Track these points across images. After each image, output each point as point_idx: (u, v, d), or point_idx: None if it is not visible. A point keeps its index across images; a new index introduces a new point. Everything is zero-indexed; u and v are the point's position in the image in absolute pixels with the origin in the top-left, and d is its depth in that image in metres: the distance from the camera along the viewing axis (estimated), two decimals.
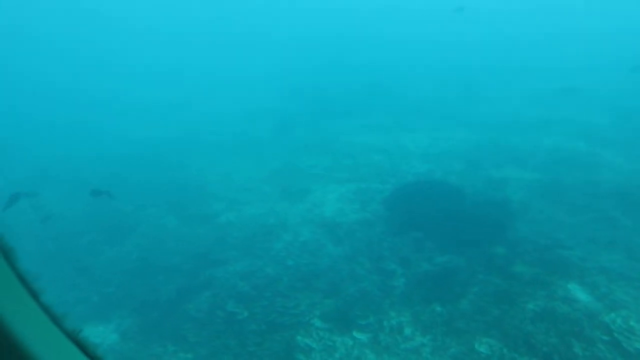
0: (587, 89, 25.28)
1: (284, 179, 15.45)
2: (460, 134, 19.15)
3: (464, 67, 32.85)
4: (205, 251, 11.66)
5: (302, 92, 26.96)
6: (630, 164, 14.73)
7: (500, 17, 51.86)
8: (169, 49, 42.04)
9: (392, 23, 47.71)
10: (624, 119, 19.62)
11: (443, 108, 23.37)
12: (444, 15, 49.13)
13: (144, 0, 59.51)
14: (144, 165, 17.69)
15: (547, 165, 14.76)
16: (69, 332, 1.40)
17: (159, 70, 34.17)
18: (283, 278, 10.05)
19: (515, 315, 8.02)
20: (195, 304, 9.65)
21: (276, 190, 14.73)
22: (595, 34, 43.22)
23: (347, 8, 54.19)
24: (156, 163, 17.89)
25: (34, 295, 1.37)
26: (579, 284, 8.66)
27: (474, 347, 7.57)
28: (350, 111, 23.38)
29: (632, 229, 10.82)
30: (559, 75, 29.29)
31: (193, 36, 45.14)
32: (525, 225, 11.08)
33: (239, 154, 18.13)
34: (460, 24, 43.86)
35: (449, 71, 31.75)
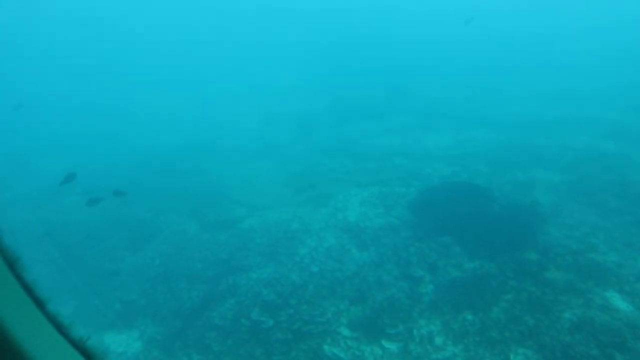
0: (611, 87, 24.67)
1: (305, 183, 15.26)
2: (482, 134, 18.78)
3: (483, 67, 32.36)
4: (228, 258, 11.53)
5: (322, 95, 26.78)
6: None
7: (519, 15, 51.09)
8: (187, 56, 42.17)
9: (410, 25, 47.26)
10: None
11: (464, 109, 22.98)
12: (460, 16, 48.71)
13: (162, 8, 60.07)
14: (164, 172, 17.66)
15: (575, 167, 14.34)
16: (75, 341, 1.39)
17: (179, 78, 34.34)
18: (308, 285, 9.86)
19: (552, 325, 7.71)
20: (220, 312, 9.50)
21: (298, 194, 14.56)
22: (618, 28, 42.26)
23: (366, 10, 53.92)
24: (176, 169, 17.86)
25: (40, 304, 1.35)
26: (618, 292, 8.31)
27: (509, 358, 7.28)
28: (370, 114, 23.13)
29: None
30: (581, 73, 28.65)
31: (211, 43, 45.25)
32: (557, 229, 10.72)
33: (259, 159, 18.01)
34: (477, 25, 43.30)
35: (468, 71, 31.30)
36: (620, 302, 8.02)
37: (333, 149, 18.41)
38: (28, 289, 1.34)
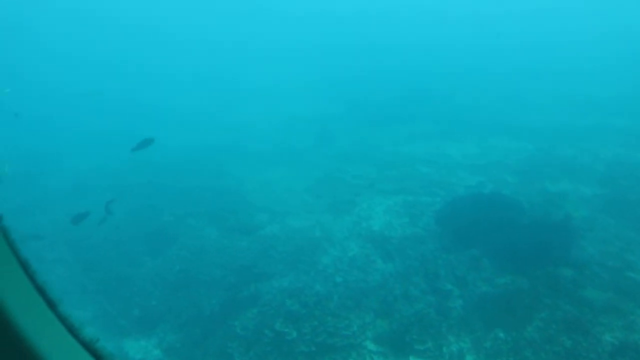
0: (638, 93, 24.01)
1: (328, 190, 15.00)
2: (509, 143, 18.35)
3: (505, 73, 31.80)
4: (249, 264, 11.30)
5: (342, 100, 26.53)
6: None
7: (545, 18, 50.32)
8: (206, 58, 42.20)
9: (433, 30, 46.82)
10: None
11: (489, 116, 22.55)
12: (485, 20, 48.07)
13: (182, 9, 60.42)
14: (183, 174, 17.53)
15: (608, 179, 13.86)
16: (85, 342, 1.41)
17: (198, 80, 34.36)
18: (333, 296, 9.58)
19: (591, 348, 7.33)
20: (241, 321, 9.26)
21: (320, 201, 14.31)
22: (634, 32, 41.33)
23: (388, 16, 53.63)
24: (195, 172, 17.72)
25: (52, 305, 1.38)
26: None
27: None
28: (391, 119, 22.81)
29: None
30: (612, 79, 27.98)
31: (231, 45, 45.28)
32: (591, 245, 10.31)
33: (279, 163, 17.79)
34: (502, 28, 42.73)
35: (490, 78, 30.79)
36: None
37: (355, 155, 18.13)
38: (40, 290, 1.36)
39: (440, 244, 11.09)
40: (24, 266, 1.36)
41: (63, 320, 1.40)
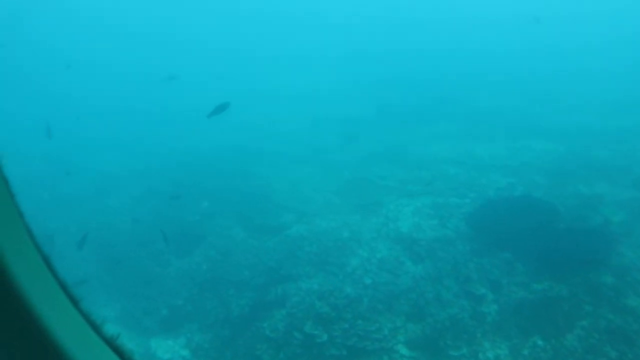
0: None
1: (354, 191, 14.81)
2: (539, 144, 17.91)
3: (536, 73, 31.14)
4: (276, 265, 11.18)
5: (366, 102, 26.25)
6: None
7: (576, 21, 49.32)
8: (233, 58, 42.22)
9: (459, 32, 46.25)
10: None
11: (517, 117, 22.07)
12: (512, 22, 47.32)
13: (203, 11, 60.81)
14: (207, 174, 17.50)
15: None
16: (107, 339, 1.43)
17: (227, 81, 34.41)
18: (363, 298, 9.40)
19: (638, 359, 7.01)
20: (270, 323, 9.14)
21: (347, 202, 14.12)
22: None
23: (411, 20, 53.18)
24: (221, 172, 17.67)
25: (74, 301, 1.39)
26: None
27: None
28: (417, 121, 22.47)
29: None
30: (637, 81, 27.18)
31: (258, 47, 45.27)
32: (631, 251, 9.91)
33: (305, 163, 17.65)
34: (531, 30, 41.92)
35: (520, 79, 30.18)
36: None
37: (381, 155, 17.89)
38: (63, 286, 1.37)
39: (471, 246, 10.81)
40: (47, 262, 1.36)
41: (85, 316, 1.41)
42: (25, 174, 17.66)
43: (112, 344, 1.44)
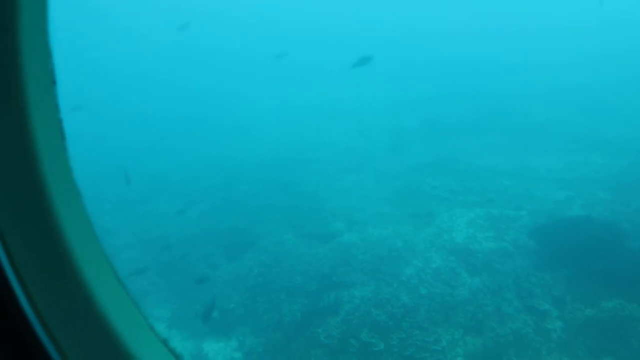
0: None
1: (406, 200, 14.61)
2: (598, 158, 17.24)
3: (590, 84, 30.07)
4: (329, 272, 11.07)
5: (415, 114, 25.99)
6: None
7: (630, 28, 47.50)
8: (282, 74, 42.48)
9: (507, 45, 45.42)
10: None
11: (572, 129, 21.36)
12: (563, 33, 46.10)
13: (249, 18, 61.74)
14: (256, 182, 17.65)
15: None
16: (162, 339, 1.46)
17: (271, 93, 34.91)
18: (420, 308, 9.17)
19: None
20: (325, 329, 9.02)
21: (398, 211, 13.94)
22: None
23: (461, 32, 52.63)
24: (269, 179, 17.79)
25: (135, 303, 1.42)
26: None
27: None
28: (469, 132, 22.07)
29: None
30: None
31: (306, 60, 45.55)
32: None
33: (354, 172, 17.58)
34: (582, 40, 40.76)
35: (572, 90, 29.22)
36: None
37: (432, 166, 17.62)
38: (123, 285, 1.41)
39: (531, 260, 10.44)
40: (108, 262, 1.40)
41: (145, 317, 1.45)
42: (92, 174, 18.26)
43: (168, 347, 1.47)
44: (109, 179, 18.57)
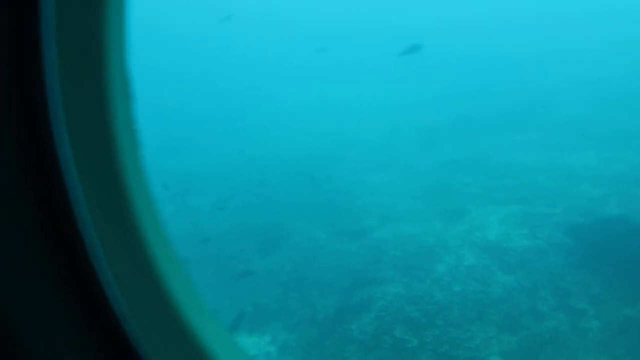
0: None
1: (437, 197, 14.56)
2: (634, 155, 16.80)
3: (625, 78, 29.22)
4: (361, 268, 11.16)
5: (445, 111, 25.74)
6: None
7: None
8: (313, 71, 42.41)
9: (537, 37, 44.41)
10: None
11: (608, 126, 20.85)
12: (606, 23, 44.80)
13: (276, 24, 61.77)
14: (289, 177, 17.82)
15: None
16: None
17: (303, 89, 35.02)
18: (453, 306, 9.18)
19: None
20: (359, 325, 9.12)
21: (429, 208, 13.90)
22: None
23: (490, 24, 51.68)
24: (300, 175, 17.94)
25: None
26: None
27: None
28: (499, 128, 21.79)
29: None
30: None
31: (341, 58, 45.35)
32: None
33: (385, 169, 17.58)
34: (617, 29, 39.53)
35: (607, 84, 28.47)
36: None
37: (463, 163, 17.49)
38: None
39: (567, 258, 10.30)
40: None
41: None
42: None
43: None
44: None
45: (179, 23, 56.68)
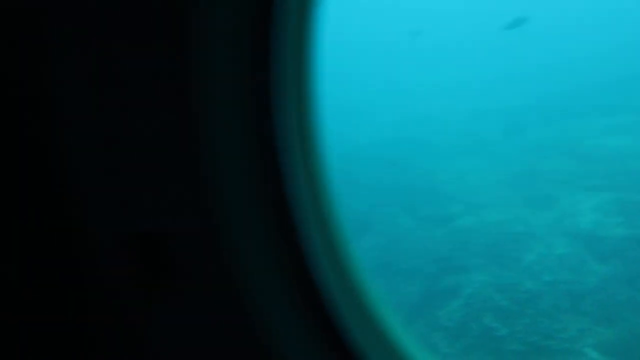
0: None
1: (524, 183, 14.21)
2: None
3: None
4: (447, 255, 11.22)
5: (530, 90, 24.75)
6: None
7: None
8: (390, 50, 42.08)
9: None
10: None
11: None
12: None
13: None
14: (371, 164, 18.00)
15: None
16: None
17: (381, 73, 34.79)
18: (544, 295, 9.06)
19: None
20: (446, 312, 9.25)
21: (516, 195, 13.60)
22: None
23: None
24: (383, 163, 18.06)
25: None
26: None
27: None
28: (589, 110, 20.65)
29: None
30: None
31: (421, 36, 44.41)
32: None
33: (469, 155, 17.31)
34: None
35: None
36: None
37: (550, 147, 16.84)
38: None
39: None
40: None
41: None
42: None
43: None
44: None
45: None
